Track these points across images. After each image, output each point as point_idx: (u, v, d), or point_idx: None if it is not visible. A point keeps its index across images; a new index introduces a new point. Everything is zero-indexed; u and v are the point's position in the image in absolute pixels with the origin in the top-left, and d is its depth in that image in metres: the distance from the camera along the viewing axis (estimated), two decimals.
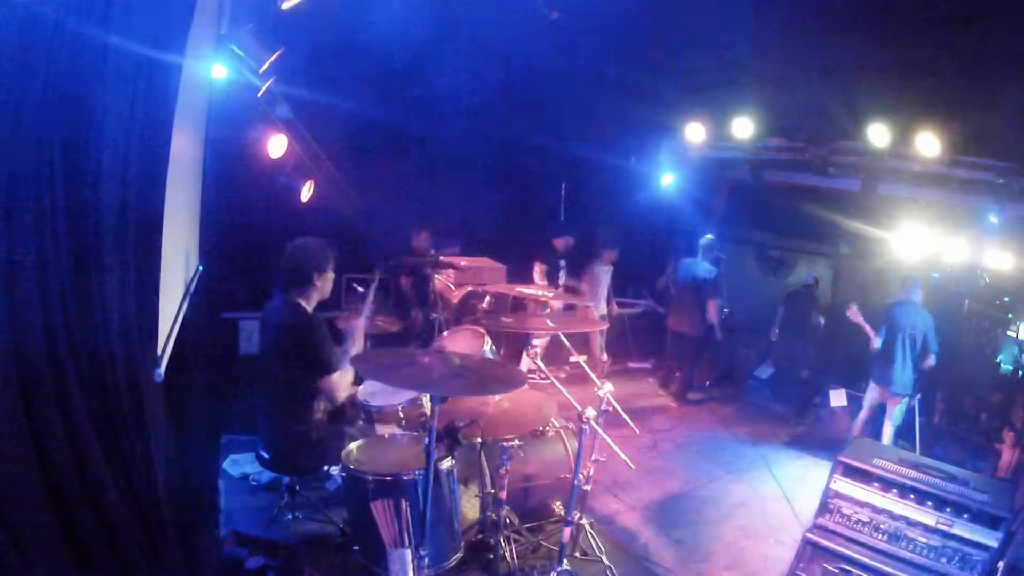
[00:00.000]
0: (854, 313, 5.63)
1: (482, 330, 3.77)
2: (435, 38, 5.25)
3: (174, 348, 2.69)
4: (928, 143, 5.02)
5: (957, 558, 2.85)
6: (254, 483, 3.81)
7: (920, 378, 5.44)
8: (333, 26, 4.46)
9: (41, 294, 1.73)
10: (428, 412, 3.27)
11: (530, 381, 3.54)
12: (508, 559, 3.08)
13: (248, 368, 4.76)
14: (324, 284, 3.09)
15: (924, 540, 2.94)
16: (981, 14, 3.95)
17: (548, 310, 4.22)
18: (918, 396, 5.52)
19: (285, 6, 3.56)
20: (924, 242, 5.99)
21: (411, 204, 6.32)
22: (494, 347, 3.87)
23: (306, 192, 5.25)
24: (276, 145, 4.66)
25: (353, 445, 2.81)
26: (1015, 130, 4.66)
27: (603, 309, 6.79)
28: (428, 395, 3.26)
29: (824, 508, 3.23)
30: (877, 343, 5.46)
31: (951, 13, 3.96)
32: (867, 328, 5.62)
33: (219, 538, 3.21)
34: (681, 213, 8.18)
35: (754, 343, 7.90)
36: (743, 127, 6.15)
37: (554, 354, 6.39)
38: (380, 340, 4.35)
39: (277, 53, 3.76)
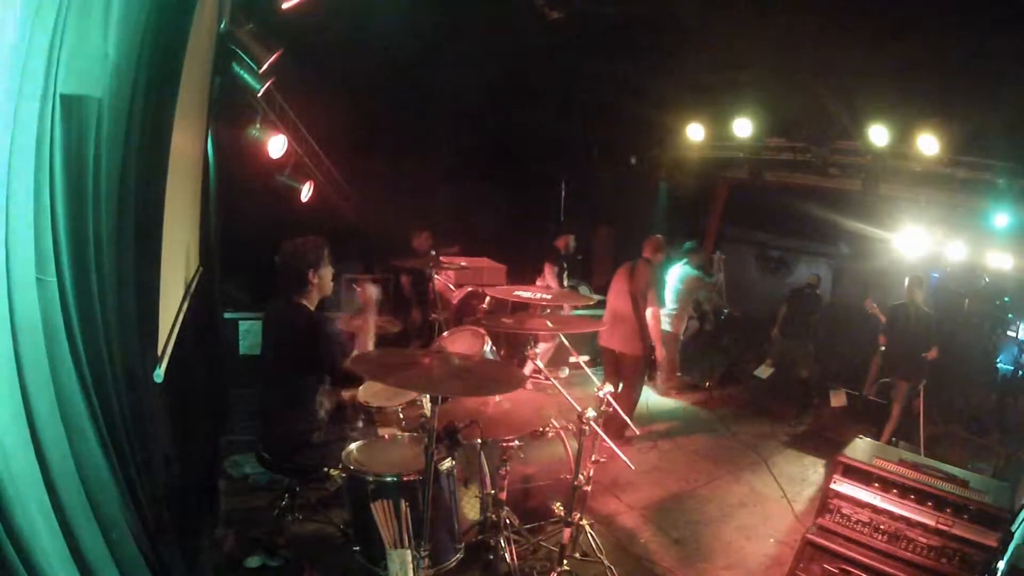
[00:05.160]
0: (872, 307, 5.91)
1: (482, 331, 3.77)
2: (435, 38, 5.25)
3: (174, 348, 2.69)
4: (928, 143, 5.03)
5: (957, 558, 2.86)
6: (254, 483, 3.81)
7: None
8: (333, 26, 4.46)
9: (40, 294, 1.73)
10: (428, 413, 3.27)
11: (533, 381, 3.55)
12: (508, 560, 3.08)
13: (248, 368, 4.76)
14: (322, 282, 3.08)
15: (924, 540, 2.94)
16: (981, 14, 3.95)
17: (548, 311, 4.22)
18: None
19: (285, 6, 3.56)
20: (924, 242, 6.01)
21: (411, 204, 6.32)
22: (494, 348, 3.87)
23: (306, 192, 5.26)
24: (276, 145, 4.66)
25: (353, 446, 2.81)
26: (1015, 130, 4.67)
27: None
28: (428, 396, 3.26)
29: (824, 508, 3.23)
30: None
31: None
32: (881, 317, 5.83)
33: (219, 538, 3.21)
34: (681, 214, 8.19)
35: (754, 343, 7.90)
36: (743, 127, 6.15)
37: (554, 355, 6.40)
38: (380, 340, 4.34)
39: (277, 53, 3.76)
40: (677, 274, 6.46)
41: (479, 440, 2.95)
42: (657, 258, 5.30)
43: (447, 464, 2.66)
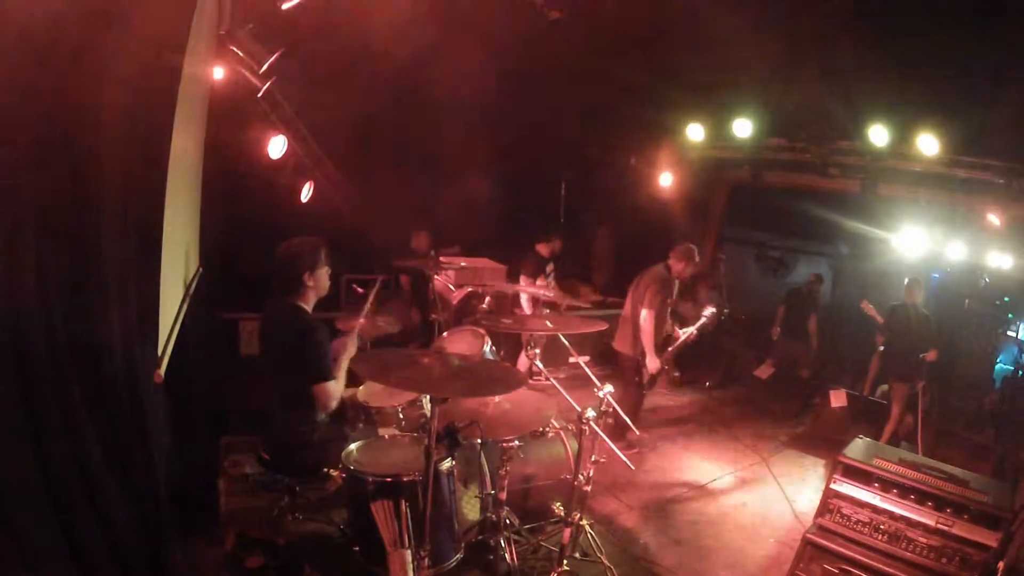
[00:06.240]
0: (868, 307, 5.88)
1: (482, 331, 3.77)
2: (435, 37, 5.24)
3: (174, 348, 2.69)
4: (928, 143, 5.03)
5: (957, 558, 2.86)
6: (254, 483, 3.80)
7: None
8: (333, 26, 4.45)
9: (41, 294, 1.73)
10: (428, 413, 3.27)
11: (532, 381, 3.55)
12: (508, 560, 3.08)
13: (248, 368, 4.75)
14: (318, 283, 3.07)
15: (924, 541, 2.94)
16: (982, 14, 3.95)
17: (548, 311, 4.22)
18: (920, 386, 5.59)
19: (285, 6, 3.56)
20: (924, 242, 6.01)
21: (411, 204, 6.32)
22: (494, 348, 3.87)
23: (306, 192, 5.26)
24: (276, 145, 4.66)
25: (353, 446, 2.81)
26: (1015, 130, 4.66)
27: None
28: (428, 396, 3.26)
29: (824, 508, 3.23)
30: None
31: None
32: (879, 319, 5.84)
33: (219, 538, 3.21)
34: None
35: (754, 343, 7.90)
36: (743, 127, 6.15)
37: (554, 355, 6.39)
38: (380, 341, 4.35)
39: (277, 53, 3.75)
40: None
41: (479, 440, 2.95)
42: (678, 267, 5.13)
43: (447, 464, 2.66)
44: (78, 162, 1.78)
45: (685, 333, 5.30)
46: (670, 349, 5.28)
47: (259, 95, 4.05)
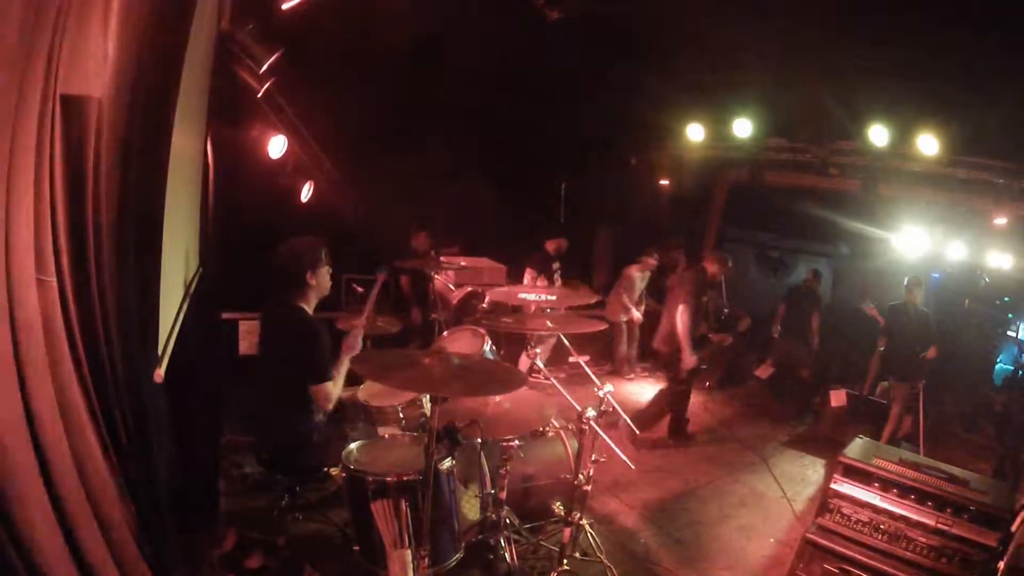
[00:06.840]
0: (870, 309, 5.98)
1: (482, 330, 3.77)
2: (435, 37, 5.25)
3: (174, 348, 2.69)
4: (928, 143, 5.03)
5: (957, 558, 2.86)
6: (254, 483, 3.81)
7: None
8: (333, 26, 4.46)
9: (41, 294, 1.73)
10: (428, 412, 3.27)
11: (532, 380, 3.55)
12: (508, 559, 3.08)
13: (248, 368, 4.75)
14: (320, 282, 3.07)
15: (924, 540, 2.94)
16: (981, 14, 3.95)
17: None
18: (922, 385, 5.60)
19: (285, 6, 3.56)
20: (924, 242, 6.01)
21: (411, 204, 6.32)
22: (494, 347, 3.87)
23: (306, 192, 5.26)
24: (276, 145, 4.67)
25: (353, 445, 2.81)
26: (1015, 130, 4.67)
27: (634, 313, 7.03)
28: (428, 396, 3.26)
29: (824, 508, 3.23)
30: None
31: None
32: (880, 320, 5.91)
33: (219, 538, 3.21)
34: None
35: (754, 343, 7.90)
36: (743, 127, 6.15)
37: (555, 354, 6.39)
38: (380, 340, 4.35)
39: (277, 54, 3.76)
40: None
41: (479, 440, 2.96)
42: (712, 268, 5.32)
43: (447, 464, 2.66)
44: (77, 162, 1.78)
45: (720, 337, 5.38)
46: (706, 350, 5.48)
47: (259, 95, 4.05)
